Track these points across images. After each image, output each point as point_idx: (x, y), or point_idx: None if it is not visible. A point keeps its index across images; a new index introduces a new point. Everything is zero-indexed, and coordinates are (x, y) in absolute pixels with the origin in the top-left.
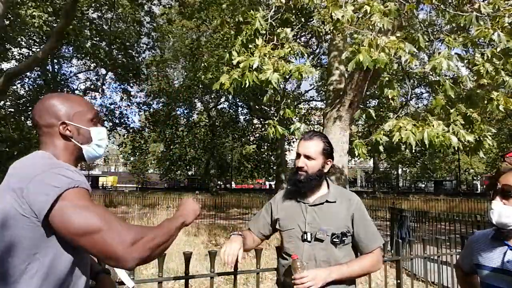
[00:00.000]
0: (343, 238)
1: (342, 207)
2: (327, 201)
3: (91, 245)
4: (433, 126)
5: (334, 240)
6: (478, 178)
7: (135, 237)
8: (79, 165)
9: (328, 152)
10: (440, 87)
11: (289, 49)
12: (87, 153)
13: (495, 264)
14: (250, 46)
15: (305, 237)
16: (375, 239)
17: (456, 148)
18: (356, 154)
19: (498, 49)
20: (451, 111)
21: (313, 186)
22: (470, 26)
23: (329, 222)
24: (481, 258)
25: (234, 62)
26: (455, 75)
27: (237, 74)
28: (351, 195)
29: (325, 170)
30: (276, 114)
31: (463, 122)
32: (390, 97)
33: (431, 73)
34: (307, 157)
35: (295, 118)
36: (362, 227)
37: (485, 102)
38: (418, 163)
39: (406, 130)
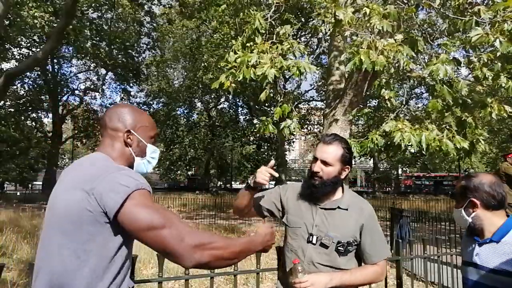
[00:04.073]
0: (348, 248)
1: (352, 216)
2: (339, 207)
3: (153, 240)
4: (428, 129)
5: (338, 248)
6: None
7: (198, 241)
8: None
9: (346, 159)
10: (438, 91)
11: (288, 45)
12: (137, 165)
13: (468, 258)
14: (249, 44)
15: (311, 239)
16: (381, 251)
17: (453, 153)
18: None
19: (498, 54)
20: (446, 114)
21: (327, 192)
22: (470, 30)
23: (337, 229)
24: (463, 253)
25: (232, 59)
26: (451, 79)
27: (234, 71)
28: (363, 203)
29: (342, 177)
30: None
31: (456, 129)
32: (386, 97)
33: (428, 77)
34: (324, 163)
35: (291, 116)
36: (369, 238)
37: (480, 107)
38: (418, 163)
39: (407, 132)
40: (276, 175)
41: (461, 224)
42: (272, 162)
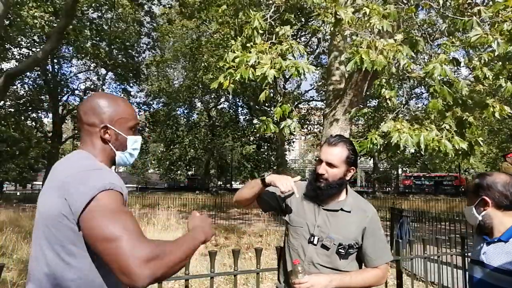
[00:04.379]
0: (349, 250)
1: (355, 219)
2: (342, 210)
3: (106, 253)
4: (427, 130)
5: (339, 250)
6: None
7: (151, 254)
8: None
9: (352, 160)
10: (437, 92)
11: (288, 46)
12: (119, 159)
13: (476, 257)
14: (248, 45)
15: (312, 240)
16: (382, 255)
17: (451, 154)
18: None
19: (496, 53)
20: (447, 114)
21: (332, 194)
22: (471, 30)
23: (339, 232)
24: (472, 252)
25: (231, 58)
26: (450, 79)
27: (232, 71)
28: (367, 206)
29: (347, 178)
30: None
31: (455, 129)
32: (387, 97)
33: (426, 77)
34: (329, 165)
35: (291, 116)
36: (371, 241)
37: (481, 107)
38: (418, 163)
39: (404, 132)
40: (297, 194)
41: (471, 221)
42: (298, 177)
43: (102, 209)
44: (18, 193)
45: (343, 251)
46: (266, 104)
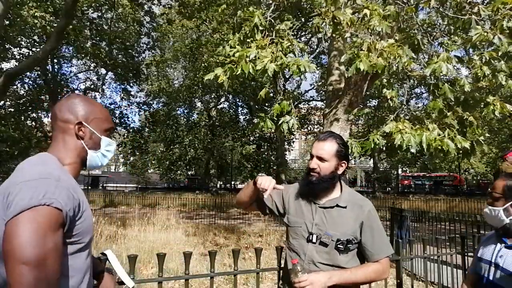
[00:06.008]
0: (348, 245)
1: (352, 213)
2: (337, 206)
3: (8, 268)
4: (429, 130)
5: (338, 246)
6: (479, 178)
7: None
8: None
9: (342, 154)
10: (439, 89)
11: (288, 43)
12: (91, 158)
13: (488, 257)
14: (248, 40)
15: (310, 238)
16: (383, 248)
17: (454, 153)
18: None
19: (500, 53)
20: (448, 114)
21: (324, 188)
22: (470, 29)
23: (336, 228)
24: (481, 251)
25: (231, 53)
26: (452, 77)
27: (231, 65)
28: (363, 201)
29: (339, 172)
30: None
31: (457, 127)
32: (388, 97)
33: (429, 76)
34: (320, 159)
35: (290, 114)
36: (370, 235)
37: (482, 105)
38: (418, 163)
39: (407, 133)
40: (265, 195)
41: (493, 223)
42: (282, 186)
43: (27, 224)
44: None
45: (341, 246)
46: (266, 104)
